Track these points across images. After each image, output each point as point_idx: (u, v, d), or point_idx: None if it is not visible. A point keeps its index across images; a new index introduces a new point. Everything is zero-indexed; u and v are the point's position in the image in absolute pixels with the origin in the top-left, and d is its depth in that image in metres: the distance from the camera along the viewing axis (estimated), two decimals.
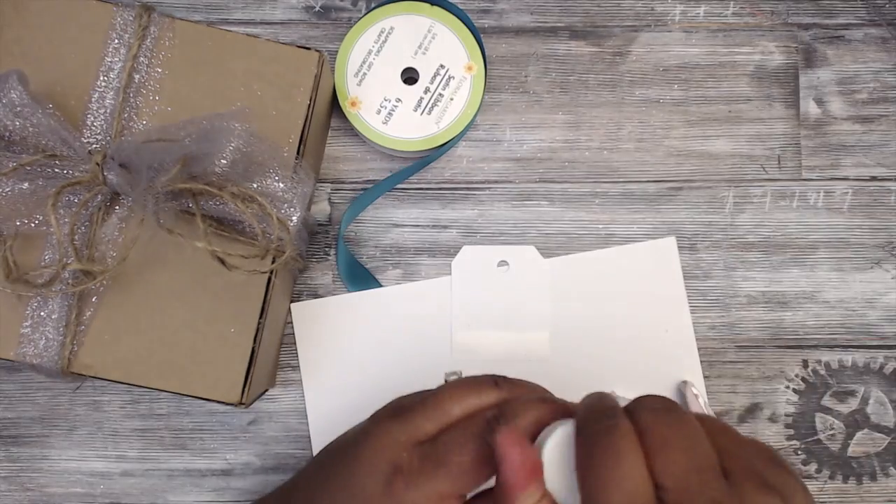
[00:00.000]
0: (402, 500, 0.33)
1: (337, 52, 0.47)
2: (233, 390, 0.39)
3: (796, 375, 0.48)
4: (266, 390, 0.46)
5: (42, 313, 0.39)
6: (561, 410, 0.31)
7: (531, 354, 0.47)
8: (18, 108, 0.35)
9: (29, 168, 0.36)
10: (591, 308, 0.48)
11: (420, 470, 0.32)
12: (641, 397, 0.29)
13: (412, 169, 0.48)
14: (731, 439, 0.29)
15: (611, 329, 0.47)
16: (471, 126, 0.48)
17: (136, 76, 0.40)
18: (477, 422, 0.32)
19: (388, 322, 0.48)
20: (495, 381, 0.35)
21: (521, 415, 0.31)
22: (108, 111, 0.40)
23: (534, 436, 0.31)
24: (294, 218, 0.38)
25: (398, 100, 0.47)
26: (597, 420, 0.28)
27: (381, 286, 0.48)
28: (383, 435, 0.34)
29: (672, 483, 0.26)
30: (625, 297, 0.48)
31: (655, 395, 0.29)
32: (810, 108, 0.49)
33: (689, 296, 0.48)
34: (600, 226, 0.49)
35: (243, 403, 0.40)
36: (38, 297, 0.39)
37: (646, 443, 0.27)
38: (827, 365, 0.48)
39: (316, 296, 0.48)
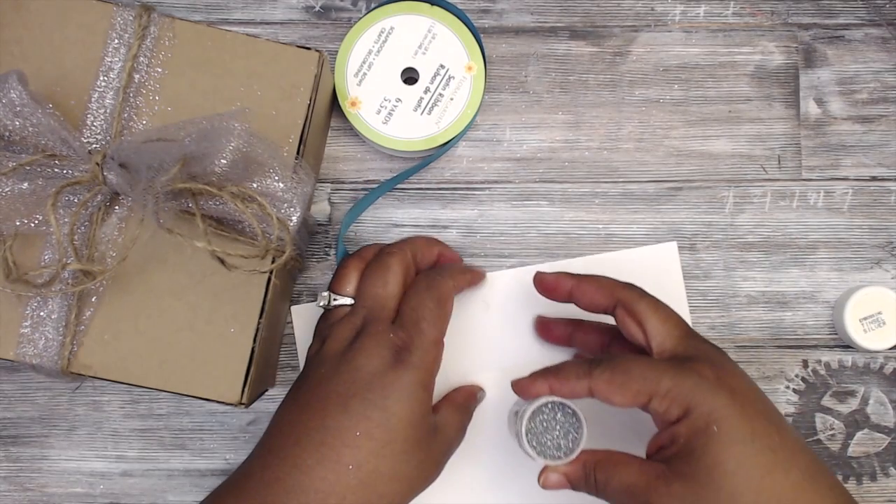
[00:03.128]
0: (411, 361, 0.38)
1: (337, 52, 0.47)
2: (232, 390, 0.39)
3: (796, 375, 0.48)
4: (266, 390, 0.46)
5: (42, 313, 0.39)
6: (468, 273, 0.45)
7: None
8: (18, 108, 0.35)
9: (29, 168, 0.36)
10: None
11: (410, 334, 0.39)
12: (621, 284, 0.41)
13: (412, 170, 0.48)
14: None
15: None
16: (471, 126, 0.48)
17: (136, 76, 0.40)
18: (422, 280, 0.42)
19: None
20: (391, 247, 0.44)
21: (448, 268, 0.43)
22: (108, 111, 0.40)
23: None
24: (294, 218, 0.38)
25: (398, 100, 0.47)
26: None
27: None
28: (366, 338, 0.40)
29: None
30: None
31: (631, 284, 0.41)
32: (810, 108, 0.49)
33: (689, 296, 0.48)
34: (600, 226, 0.49)
35: (243, 403, 0.40)
36: (38, 297, 0.39)
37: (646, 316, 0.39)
38: (827, 365, 0.48)
39: (316, 296, 0.48)
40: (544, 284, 0.42)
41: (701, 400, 0.35)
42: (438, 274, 0.42)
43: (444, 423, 0.40)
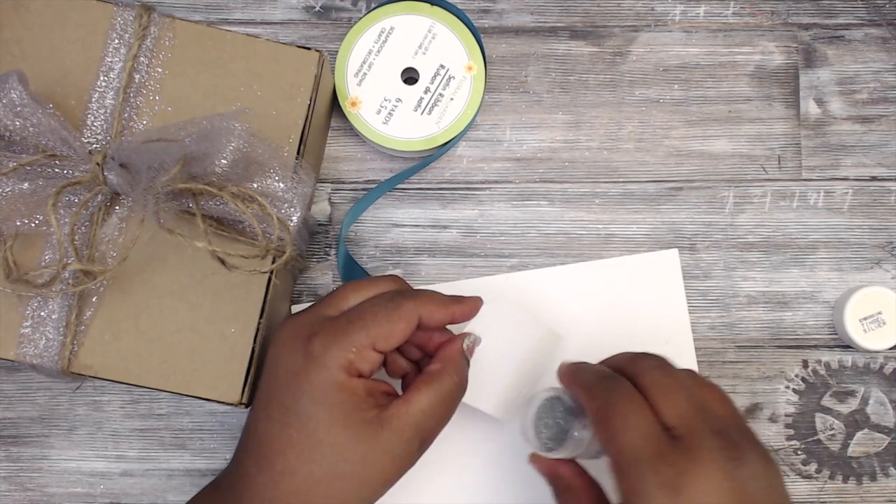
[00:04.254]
0: (323, 360, 0.36)
1: (337, 52, 0.47)
2: (233, 390, 0.39)
3: (796, 375, 0.48)
4: None
5: (42, 313, 0.39)
6: (449, 301, 0.39)
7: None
8: (18, 108, 0.35)
9: (29, 168, 0.36)
10: (591, 317, 0.47)
11: (334, 329, 0.36)
12: (638, 356, 0.36)
13: (412, 170, 0.48)
14: (708, 391, 0.36)
15: (610, 339, 0.47)
16: (471, 126, 0.48)
17: (137, 76, 0.40)
18: (382, 294, 0.38)
19: None
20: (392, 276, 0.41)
21: (421, 293, 0.39)
22: (108, 111, 0.40)
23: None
24: (294, 218, 0.38)
25: (398, 100, 0.47)
26: (600, 381, 0.35)
27: None
28: (291, 322, 0.38)
29: (678, 421, 0.33)
30: (625, 307, 0.48)
31: (650, 354, 0.36)
32: (810, 108, 0.49)
33: (688, 296, 0.48)
34: (600, 226, 0.49)
35: (243, 403, 0.40)
36: (38, 297, 0.39)
37: (651, 394, 0.34)
38: (827, 365, 0.48)
39: (316, 296, 0.48)
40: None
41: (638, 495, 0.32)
42: (406, 293, 0.39)
43: (398, 413, 0.36)
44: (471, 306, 0.40)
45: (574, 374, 0.38)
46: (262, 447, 0.36)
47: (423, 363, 0.41)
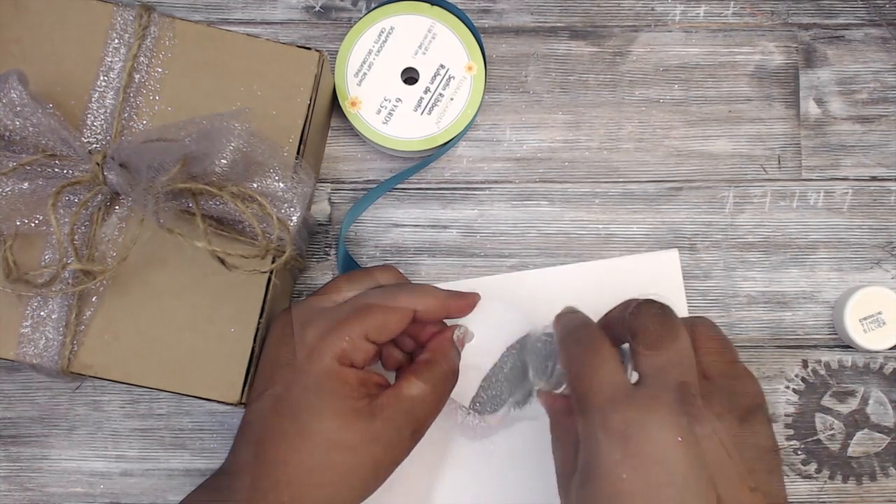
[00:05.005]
0: (316, 348, 0.36)
1: (337, 52, 0.47)
2: (233, 390, 0.39)
3: (796, 375, 0.48)
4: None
5: (42, 313, 0.39)
6: (446, 296, 0.39)
7: None
8: (18, 108, 0.35)
9: (29, 168, 0.36)
10: (591, 317, 0.47)
11: (328, 319, 0.37)
12: (643, 302, 0.36)
13: (412, 170, 0.48)
14: (715, 344, 0.36)
15: None
16: (471, 126, 0.48)
17: (136, 76, 0.40)
18: (380, 287, 0.39)
19: None
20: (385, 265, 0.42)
21: (418, 287, 0.39)
22: (108, 111, 0.40)
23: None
24: (294, 218, 0.38)
25: (398, 100, 0.47)
26: (571, 332, 0.37)
27: None
28: (285, 313, 0.39)
29: (649, 371, 0.33)
30: None
31: (654, 301, 0.35)
32: (810, 108, 0.49)
33: (688, 296, 0.48)
34: (600, 226, 0.49)
35: (243, 403, 0.40)
36: (38, 297, 0.39)
37: (636, 342, 0.34)
38: (827, 365, 0.48)
39: None
40: None
41: (589, 441, 0.32)
42: (403, 287, 0.39)
43: (389, 401, 0.36)
44: (468, 301, 0.40)
45: (558, 320, 0.39)
46: (256, 437, 0.36)
47: (417, 354, 0.41)
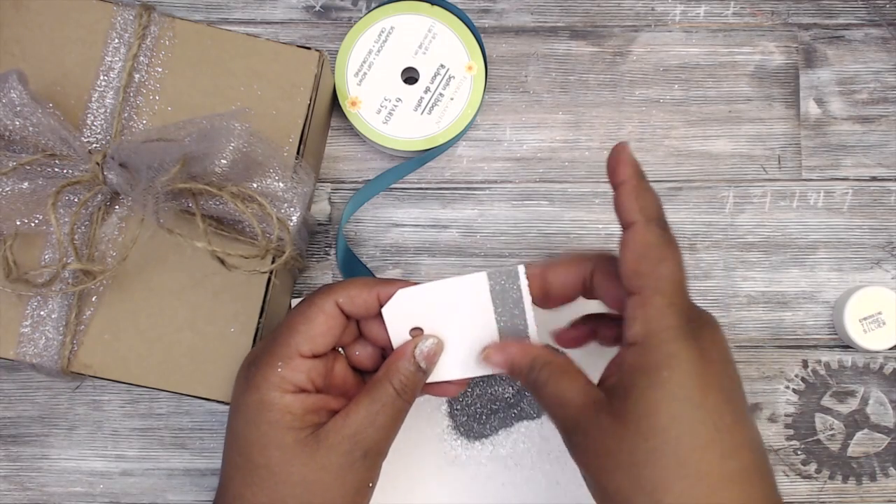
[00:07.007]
0: (253, 381, 0.36)
1: (337, 51, 0.47)
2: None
3: (796, 375, 0.48)
4: None
5: (42, 313, 0.39)
6: (374, 283, 0.37)
7: None
8: (18, 108, 0.35)
9: (29, 168, 0.36)
10: None
11: (262, 348, 0.37)
12: (607, 256, 0.38)
13: (412, 164, 0.48)
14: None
15: None
16: (471, 126, 0.48)
17: (137, 76, 0.40)
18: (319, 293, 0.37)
19: None
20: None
21: (342, 282, 0.38)
22: (108, 111, 0.40)
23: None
24: (294, 218, 0.38)
25: (398, 99, 0.47)
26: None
27: None
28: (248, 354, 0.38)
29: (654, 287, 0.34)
30: None
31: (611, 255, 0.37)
32: (810, 108, 0.49)
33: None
34: (600, 226, 0.49)
35: None
36: (38, 297, 0.39)
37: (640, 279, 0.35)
38: (827, 365, 0.48)
39: None
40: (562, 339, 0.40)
41: (667, 336, 0.31)
42: (324, 287, 0.38)
43: (334, 427, 0.35)
44: (397, 285, 0.37)
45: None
46: (221, 475, 0.37)
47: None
